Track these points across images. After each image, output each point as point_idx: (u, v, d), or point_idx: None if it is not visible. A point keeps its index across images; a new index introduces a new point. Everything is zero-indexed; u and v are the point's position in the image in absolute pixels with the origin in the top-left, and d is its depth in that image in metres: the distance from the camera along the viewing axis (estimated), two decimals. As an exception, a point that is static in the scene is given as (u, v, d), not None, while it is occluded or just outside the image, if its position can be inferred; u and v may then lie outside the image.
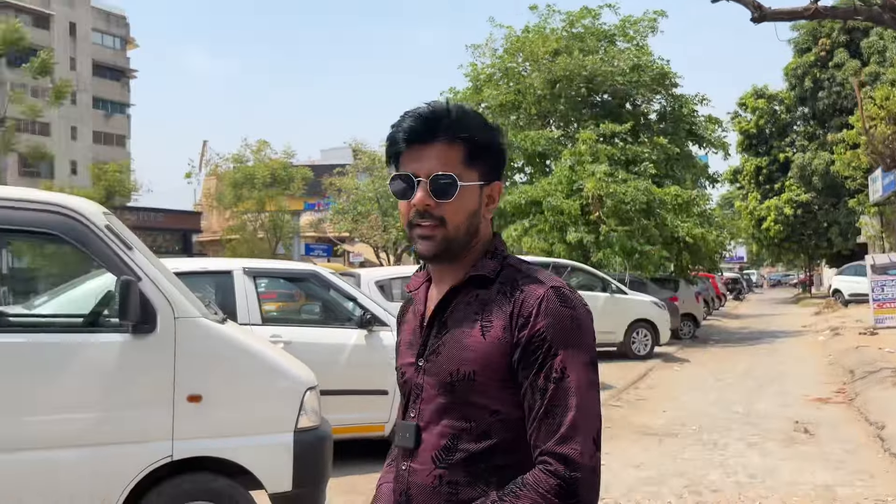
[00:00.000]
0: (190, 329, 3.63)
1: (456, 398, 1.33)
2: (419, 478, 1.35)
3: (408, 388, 1.42)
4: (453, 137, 1.36)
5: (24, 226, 3.50)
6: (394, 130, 1.37)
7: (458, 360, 1.33)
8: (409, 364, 1.42)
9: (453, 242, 1.36)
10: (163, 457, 3.52)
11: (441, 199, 1.34)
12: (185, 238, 50.24)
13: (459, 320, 1.36)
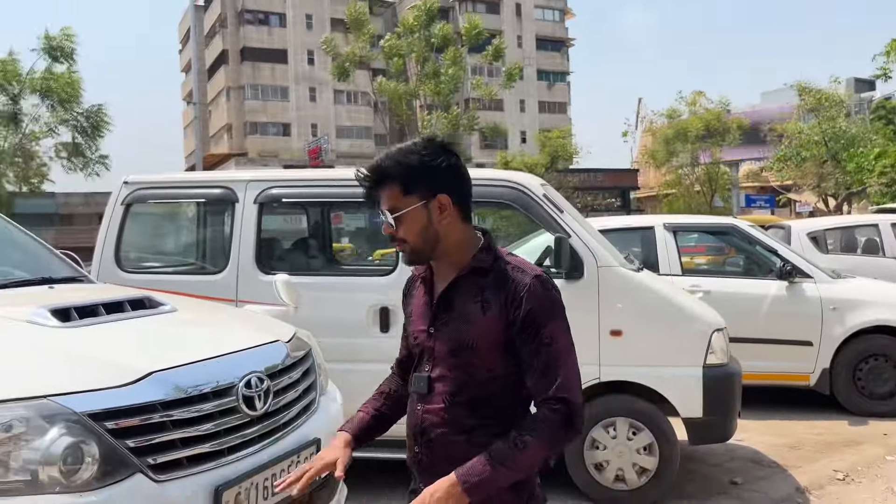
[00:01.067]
0: (610, 276, 4.40)
1: (460, 360, 1.77)
2: (432, 415, 1.79)
3: (420, 349, 1.85)
4: (386, 182, 1.77)
5: (488, 198, 4.64)
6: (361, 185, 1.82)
7: (463, 331, 1.76)
8: (421, 331, 1.85)
9: (417, 251, 1.80)
10: (592, 378, 4.38)
11: (396, 224, 1.78)
12: (623, 195, 52.24)
13: (463, 301, 1.78)
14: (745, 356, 6.16)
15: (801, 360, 6.37)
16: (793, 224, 9.35)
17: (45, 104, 22.81)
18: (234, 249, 4.75)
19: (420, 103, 28.66)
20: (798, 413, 6.45)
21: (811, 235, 8.93)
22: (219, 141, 59.85)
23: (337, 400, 3.20)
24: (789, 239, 8.91)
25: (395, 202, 1.77)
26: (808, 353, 6.35)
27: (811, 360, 6.35)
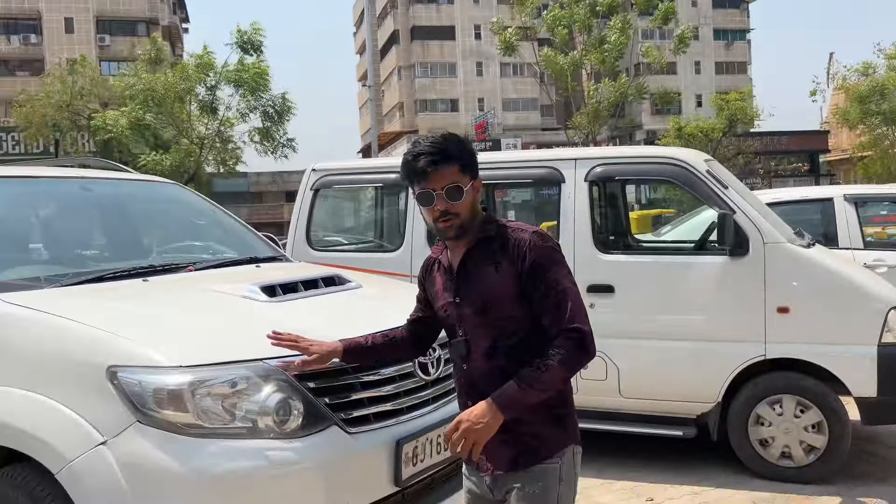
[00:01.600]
0: (777, 252, 4.35)
1: (487, 317, 2.04)
2: (477, 371, 2.07)
3: (450, 319, 2.12)
4: (451, 159, 2.01)
5: (650, 175, 4.72)
6: (415, 165, 2.02)
7: (484, 291, 2.04)
8: (448, 303, 2.12)
9: (465, 225, 2.05)
10: (757, 355, 4.36)
11: (454, 202, 2.01)
12: (811, 159, 48.56)
13: (479, 267, 2.06)
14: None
15: None
16: None
17: (238, 93, 24.98)
18: (408, 228, 5.16)
19: (587, 72, 28.18)
20: None
21: None
22: (391, 119, 62.13)
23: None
24: None
25: (456, 179, 2.02)
26: None
27: None
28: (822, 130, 48.13)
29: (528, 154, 5.16)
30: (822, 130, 48.13)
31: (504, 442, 2.02)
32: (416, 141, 2.09)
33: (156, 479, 2.22)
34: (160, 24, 50.93)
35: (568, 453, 2.10)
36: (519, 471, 2.06)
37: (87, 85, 29.07)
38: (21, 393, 2.42)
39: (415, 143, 2.08)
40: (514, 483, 2.06)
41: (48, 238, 3.41)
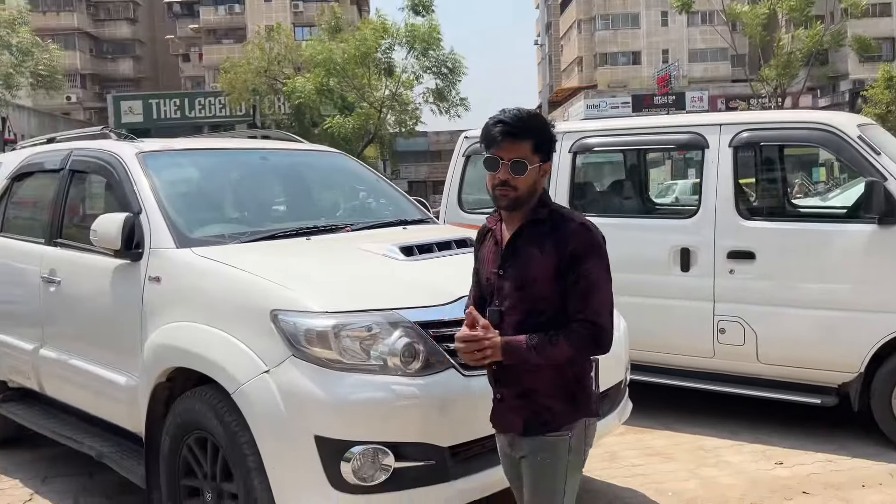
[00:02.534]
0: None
1: (525, 293, 2.19)
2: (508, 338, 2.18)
3: (490, 288, 2.27)
4: (526, 136, 2.15)
5: (795, 140, 4.65)
6: (492, 130, 2.17)
7: (527, 269, 2.19)
8: (493, 273, 2.26)
9: (520, 200, 2.19)
10: (900, 329, 4.23)
11: (516, 175, 2.14)
12: None
13: (526, 246, 2.21)
14: None
15: None
16: None
17: (412, 54, 25.99)
18: (551, 194, 5.41)
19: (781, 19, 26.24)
20: None
21: None
22: (570, 74, 61.16)
23: (620, 329, 3.70)
24: None
25: (525, 155, 2.16)
26: None
27: None
28: None
29: (672, 119, 5.20)
30: None
31: (519, 408, 2.24)
32: (503, 109, 2.22)
33: (305, 402, 2.72)
34: (349, -12, 53.34)
35: (579, 426, 2.24)
36: (530, 436, 2.23)
37: (282, 51, 31.29)
38: (207, 328, 3.03)
39: (502, 110, 2.21)
40: (527, 449, 2.24)
41: (233, 201, 4.07)
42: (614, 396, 3.57)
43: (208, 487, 3.09)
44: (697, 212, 4.88)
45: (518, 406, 2.26)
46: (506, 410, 2.28)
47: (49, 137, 5.02)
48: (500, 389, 2.30)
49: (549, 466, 2.23)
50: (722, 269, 4.72)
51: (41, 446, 4.65)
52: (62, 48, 51.61)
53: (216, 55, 47.05)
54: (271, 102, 32.58)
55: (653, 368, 5.04)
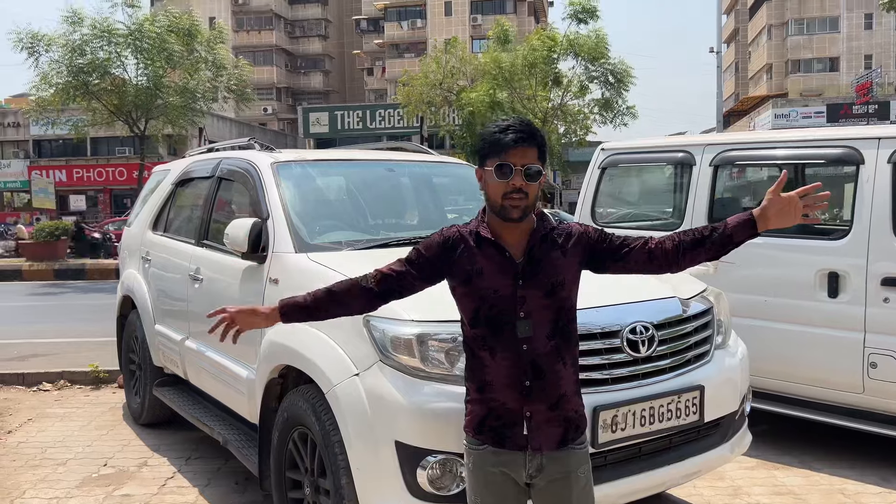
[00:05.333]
0: None
1: (554, 297, 2.19)
2: (539, 348, 2.17)
3: (502, 300, 2.18)
4: (534, 142, 2.15)
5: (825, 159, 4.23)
6: (502, 137, 2.14)
7: (553, 274, 2.19)
8: (505, 285, 2.18)
9: (530, 207, 2.17)
10: None
11: (530, 181, 2.12)
12: None
13: (546, 253, 2.21)
14: None
15: None
16: None
17: (579, 64, 25.73)
18: (689, 209, 5.17)
19: None
20: None
21: None
22: (758, 82, 57.74)
23: (737, 355, 3.47)
24: None
25: (535, 161, 2.16)
26: None
27: None
28: None
29: (823, 132, 4.76)
30: None
31: (554, 419, 2.20)
32: (502, 119, 2.24)
33: (387, 407, 2.80)
34: (526, 0, 53.75)
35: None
36: (566, 449, 2.21)
37: (457, 63, 32.07)
38: (312, 330, 3.19)
39: (502, 120, 2.23)
40: (566, 465, 2.21)
41: (355, 210, 4.26)
42: (727, 426, 3.35)
43: (307, 481, 3.26)
44: (849, 233, 4.46)
45: (552, 417, 2.21)
46: (539, 426, 2.20)
47: (209, 147, 5.51)
48: (530, 406, 2.19)
49: (589, 480, 2.24)
50: (875, 298, 4.28)
51: (190, 429, 5.10)
52: (261, 63, 56.49)
53: (398, 68, 49.13)
54: (445, 114, 33.48)
55: (795, 401, 4.67)
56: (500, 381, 2.21)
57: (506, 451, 2.21)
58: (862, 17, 49.66)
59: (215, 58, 22.89)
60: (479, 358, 2.24)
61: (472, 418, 2.27)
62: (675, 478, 3.22)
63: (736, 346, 3.55)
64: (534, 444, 2.20)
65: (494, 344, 2.21)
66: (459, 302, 2.30)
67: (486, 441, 2.23)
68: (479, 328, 2.23)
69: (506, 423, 2.21)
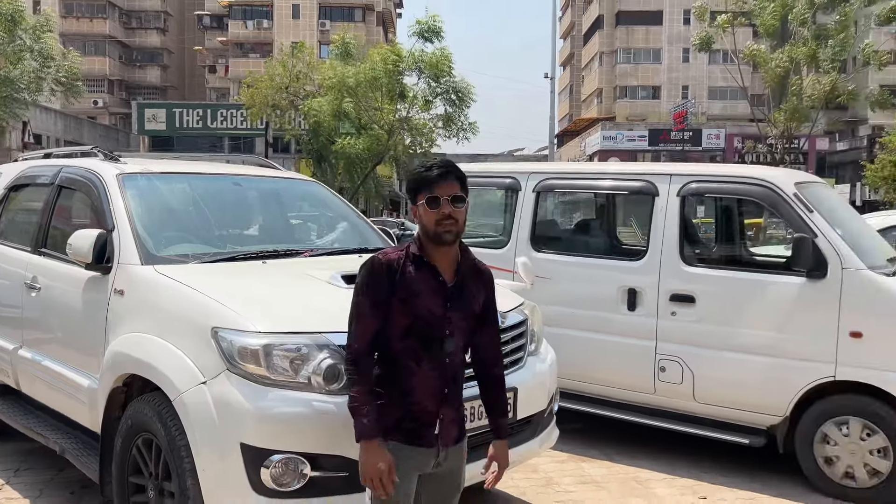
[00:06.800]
0: (855, 278, 4.43)
1: (468, 322, 2.61)
2: (457, 364, 2.60)
3: (434, 319, 2.53)
4: (456, 176, 2.54)
5: (736, 194, 4.95)
6: (429, 175, 2.51)
7: (472, 300, 2.62)
8: (437, 305, 2.53)
9: (459, 234, 2.55)
10: (827, 376, 4.48)
11: (457, 208, 2.50)
12: None
13: (468, 282, 2.63)
14: None
15: None
16: None
17: (422, 79, 26.66)
18: (514, 228, 5.71)
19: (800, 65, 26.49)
20: None
21: None
22: (590, 105, 61.62)
23: (547, 361, 3.99)
24: None
25: (459, 192, 2.53)
26: None
27: None
28: None
29: (627, 167, 5.51)
30: None
31: (457, 421, 2.66)
32: (425, 161, 2.69)
33: (234, 412, 3.02)
34: (375, 10, 54.22)
35: None
36: (460, 443, 2.68)
37: (304, 68, 31.93)
38: (158, 340, 3.35)
39: (425, 161, 2.65)
40: (457, 454, 2.67)
41: (202, 224, 4.40)
42: (536, 424, 3.83)
43: (151, 485, 3.40)
44: (646, 255, 5.16)
45: (455, 418, 2.65)
46: (447, 426, 2.60)
47: (46, 153, 5.41)
48: (444, 409, 2.59)
49: (464, 463, 2.75)
50: (665, 311, 5.00)
51: (18, 440, 4.97)
52: (92, 53, 53.02)
53: (242, 68, 47.92)
54: (290, 118, 33.20)
55: (599, 401, 5.31)
56: (423, 389, 2.56)
57: (415, 448, 2.57)
58: (681, 51, 54.31)
59: (42, 47, 21.44)
60: (404, 367, 2.56)
61: (384, 420, 2.54)
62: (492, 469, 3.66)
63: (546, 352, 4.07)
64: (442, 441, 2.60)
65: (423, 356, 2.55)
66: (394, 316, 2.54)
67: (396, 439, 2.55)
68: (409, 341, 2.54)
69: (422, 424, 2.57)
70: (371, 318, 2.54)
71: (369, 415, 2.49)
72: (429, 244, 2.56)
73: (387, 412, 2.54)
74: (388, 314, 2.53)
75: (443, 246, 2.55)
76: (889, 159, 29.89)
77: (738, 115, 50.02)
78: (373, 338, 2.55)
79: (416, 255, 2.56)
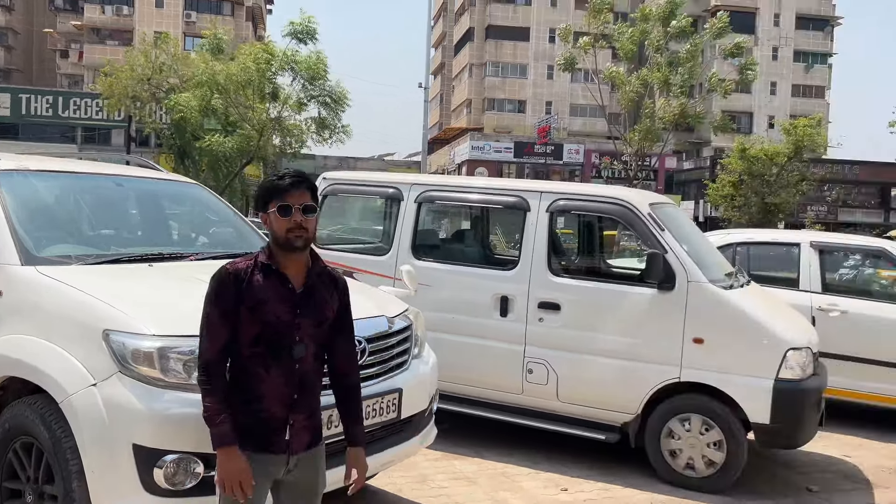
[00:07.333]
0: (698, 290, 5.00)
1: (321, 329, 2.65)
2: (307, 368, 2.62)
3: (283, 325, 2.56)
4: (307, 186, 2.59)
5: (597, 212, 5.46)
6: (280, 183, 2.56)
7: (324, 310, 2.65)
8: (285, 311, 2.56)
9: (310, 240, 2.60)
10: (673, 378, 5.02)
11: (308, 216, 2.55)
12: (883, 192, 47.40)
13: (320, 290, 2.66)
14: (876, 378, 6.36)
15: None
16: None
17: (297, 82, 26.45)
18: (396, 237, 5.95)
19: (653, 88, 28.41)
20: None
21: None
22: (459, 115, 62.95)
23: (429, 363, 4.24)
24: None
25: (310, 201, 2.59)
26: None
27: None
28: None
29: (503, 182, 5.92)
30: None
31: (309, 427, 2.67)
32: (278, 171, 2.70)
33: (126, 414, 3.06)
34: (245, 4, 52.89)
35: None
36: (313, 449, 2.69)
37: (168, 61, 30.70)
38: (42, 342, 3.31)
39: (279, 171, 2.68)
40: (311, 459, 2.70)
41: (84, 225, 4.33)
42: (418, 422, 4.08)
43: (30, 489, 3.35)
44: (518, 265, 5.54)
45: (307, 425, 2.67)
46: (298, 432, 2.63)
47: None
48: (294, 415, 2.62)
49: (324, 470, 2.78)
50: (533, 317, 5.39)
51: None
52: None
53: (98, 55, 45.32)
54: (151, 110, 31.81)
55: (473, 401, 5.63)
56: (272, 395, 2.59)
57: (267, 455, 2.60)
58: (546, 68, 56.64)
59: None
60: (253, 374, 2.58)
61: (237, 427, 2.56)
62: (377, 466, 3.86)
63: (428, 356, 4.33)
64: (293, 447, 2.63)
65: (271, 363, 2.58)
66: (243, 324, 2.56)
67: (248, 447, 2.57)
68: (259, 348, 2.57)
69: (272, 430, 2.60)
70: (220, 328, 2.58)
71: (224, 423, 2.54)
72: (279, 251, 2.60)
73: (238, 420, 2.57)
74: (237, 323, 2.56)
75: (293, 253, 2.59)
76: (728, 179, 32.74)
77: (596, 132, 52.81)
78: (224, 347, 2.59)
79: (264, 263, 2.60)
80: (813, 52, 58.58)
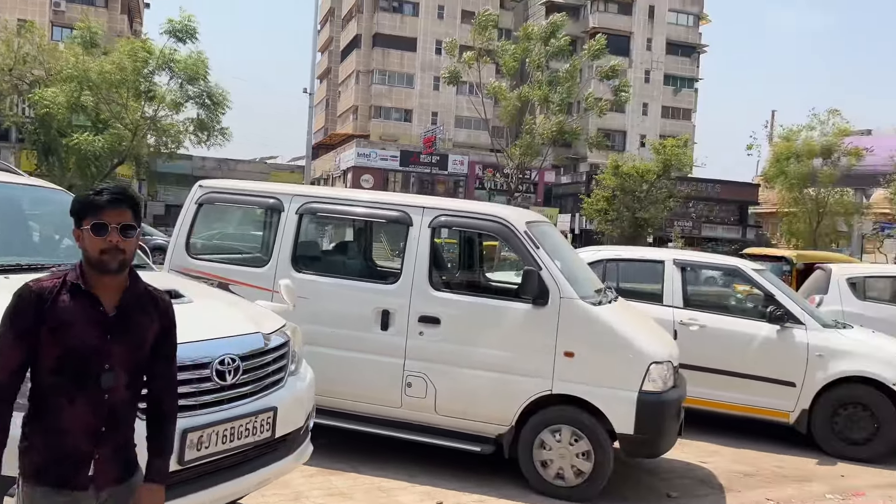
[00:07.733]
0: (570, 306, 5.21)
1: (135, 355, 2.37)
2: (118, 398, 2.33)
3: (89, 350, 2.28)
4: (128, 204, 2.33)
5: (478, 229, 5.58)
6: (97, 199, 2.30)
7: (140, 333, 2.38)
8: (94, 336, 2.28)
9: (127, 262, 2.32)
10: (545, 390, 5.21)
11: (126, 237, 2.30)
12: (741, 209, 50.90)
13: (135, 312, 2.38)
14: (730, 389, 6.82)
15: (784, 398, 6.87)
16: (834, 269, 9.57)
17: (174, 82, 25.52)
18: (275, 249, 5.86)
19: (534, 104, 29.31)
20: (778, 447, 6.94)
21: (851, 281, 9.19)
22: (345, 121, 62.54)
23: (306, 380, 4.21)
24: (828, 283, 9.22)
25: (130, 220, 2.33)
26: (790, 393, 6.84)
27: (793, 399, 6.85)
28: (753, 183, 50.55)
29: (387, 197, 5.97)
30: (753, 183, 50.55)
31: (116, 459, 2.38)
32: (99, 186, 2.40)
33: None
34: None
35: None
36: (124, 484, 2.39)
37: (33, 51, 28.82)
38: None
39: (99, 187, 2.39)
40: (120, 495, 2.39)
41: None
42: (293, 440, 4.03)
43: None
44: (399, 279, 5.59)
45: (116, 458, 2.39)
46: (103, 467, 2.35)
47: None
48: (100, 449, 2.34)
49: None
50: (413, 331, 5.45)
51: None
52: None
53: (-48, 41, 41.86)
54: (13, 103, 29.73)
55: (351, 416, 5.61)
56: (76, 428, 2.30)
57: (68, 492, 2.30)
58: (432, 79, 57.25)
59: None
60: (54, 404, 2.30)
61: (31, 462, 2.30)
62: (250, 486, 3.79)
63: (305, 372, 4.29)
64: (98, 482, 2.34)
65: (76, 393, 2.29)
66: (43, 347, 2.30)
67: (46, 483, 2.29)
68: (62, 376, 2.29)
69: (73, 464, 2.31)
70: (14, 350, 2.30)
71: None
72: (91, 272, 2.34)
73: (34, 454, 2.31)
74: (37, 346, 2.30)
75: (106, 275, 2.34)
76: (602, 195, 34.27)
77: (480, 144, 53.85)
78: (16, 371, 2.31)
79: (73, 283, 2.33)
80: (681, 77, 62.30)
